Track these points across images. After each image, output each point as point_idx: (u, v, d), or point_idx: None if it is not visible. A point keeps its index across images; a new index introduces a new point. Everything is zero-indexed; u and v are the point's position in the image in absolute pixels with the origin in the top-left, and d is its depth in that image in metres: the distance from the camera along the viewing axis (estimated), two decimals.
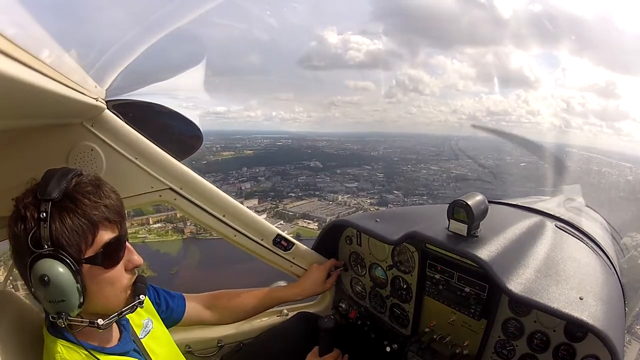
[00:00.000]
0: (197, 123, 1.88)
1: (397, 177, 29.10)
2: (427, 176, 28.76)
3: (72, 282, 0.90)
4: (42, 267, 0.88)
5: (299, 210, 23.20)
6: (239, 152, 29.53)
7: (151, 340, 1.25)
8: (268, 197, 24.49)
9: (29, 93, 0.70)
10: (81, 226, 0.92)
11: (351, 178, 28.72)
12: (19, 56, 0.59)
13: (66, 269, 0.89)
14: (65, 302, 0.91)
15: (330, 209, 23.76)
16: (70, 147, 1.42)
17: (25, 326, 1.12)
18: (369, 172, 29.58)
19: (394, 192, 26.73)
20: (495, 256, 1.40)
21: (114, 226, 0.99)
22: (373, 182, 28.34)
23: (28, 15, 0.76)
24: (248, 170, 26.48)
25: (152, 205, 1.70)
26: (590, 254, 1.63)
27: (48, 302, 0.92)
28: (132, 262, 1.04)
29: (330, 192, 26.20)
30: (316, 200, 25.34)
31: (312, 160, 29.48)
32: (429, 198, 24.93)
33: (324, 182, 27.77)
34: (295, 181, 27.23)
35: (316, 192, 26.42)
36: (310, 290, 1.99)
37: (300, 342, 1.82)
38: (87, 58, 1.29)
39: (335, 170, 29.53)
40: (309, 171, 28.70)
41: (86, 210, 0.93)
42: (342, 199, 25.89)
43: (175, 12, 1.45)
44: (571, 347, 1.33)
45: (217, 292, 1.79)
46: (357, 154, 34.03)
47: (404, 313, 1.89)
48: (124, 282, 1.03)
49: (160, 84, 1.77)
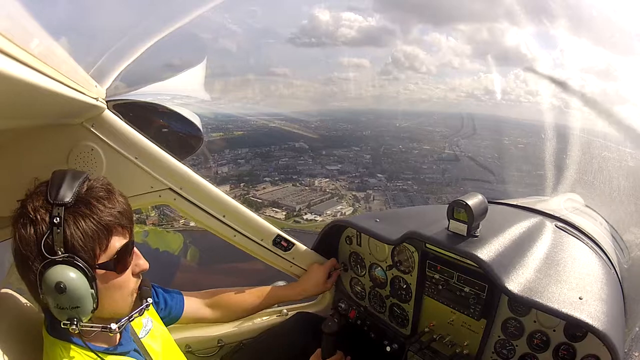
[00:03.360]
0: (197, 123, 1.88)
1: (384, 158, 27.91)
2: (417, 158, 27.43)
3: (87, 288, 0.90)
4: (57, 273, 0.87)
5: (270, 198, 21.72)
6: (228, 133, 27.66)
7: (151, 340, 1.26)
8: (242, 183, 22.76)
9: (29, 93, 0.70)
10: (97, 232, 0.92)
11: (336, 160, 27.48)
12: (19, 56, 0.59)
13: (81, 276, 0.89)
14: (79, 308, 0.90)
15: (303, 196, 22.33)
16: (70, 147, 1.42)
17: (25, 326, 1.12)
18: (355, 154, 28.35)
19: (377, 176, 25.43)
20: (495, 256, 1.40)
21: (126, 232, 1.00)
22: (357, 164, 27.07)
23: (28, 16, 0.76)
24: (230, 152, 24.73)
25: (152, 205, 1.71)
26: (590, 254, 1.63)
27: (60, 309, 0.90)
28: (139, 267, 1.05)
29: (308, 176, 24.77)
30: (290, 185, 23.81)
31: (299, 142, 28.00)
32: (414, 183, 23.79)
33: (306, 163, 26.39)
34: (276, 163, 25.84)
35: (294, 175, 24.86)
36: (310, 290, 2.00)
37: (300, 341, 1.82)
38: (87, 58, 1.29)
39: (321, 151, 28.24)
40: (293, 152, 27.26)
41: (101, 216, 0.93)
42: (318, 183, 24.39)
43: (175, 12, 1.46)
44: (571, 346, 1.33)
45: (216, 290, 1.80)
46: (347, 135, 32.71)
47: (404, 313, 1.89)
48: (131, 286, 1.04)
49: (160, 84, 1.77)
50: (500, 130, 18.65)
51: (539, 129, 3.85)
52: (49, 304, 0.90)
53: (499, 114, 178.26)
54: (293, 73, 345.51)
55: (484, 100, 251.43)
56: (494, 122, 49.56)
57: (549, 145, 3.61)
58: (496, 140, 20.23)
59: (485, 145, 20.49)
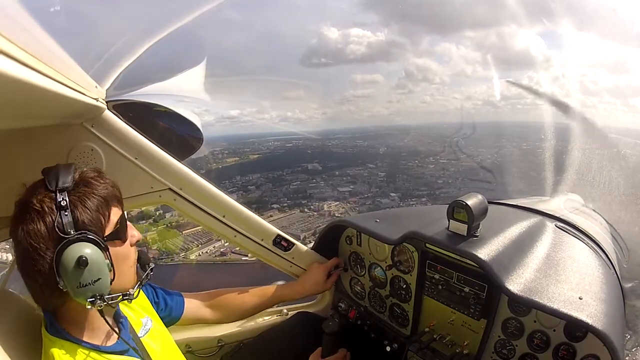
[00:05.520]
0: (197, 123, 1.88)
1: (399, 175, 27.44)
2: (434, 172, 26.93)
3: (103, 259, 0.96)
4: (75, 251, 0.92)
5: (275, 226, 21.08)
6: (244, 157, 28.18)
7: (151, 339, 1.26)
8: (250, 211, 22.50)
9: (29, 93, 0.70)
10: (99, 206, 0.99)
11: (349, 180, 27.22)
12: (19, 56, 0.59)
13: (96, 248, 0.95)
14: (101, 280, 0.95)
15: (309, 222, 21.88)
16: (70, 148, 1.42)
17: (25, 326, 1.12)
18: (370, 172, 28.12)
19: (390, 195, 25.06)
20: (495, 256, 1.40)
21: (119, 204, 1.08)
22: (370, 184, 26.83)
23: (28, 16, 0.76)
24: (242, 178, 24.91)
25: (152, 206, 1.71)
26: (590, 254, 1.63)
27: (82, 288, 0.93)
28: (135, 237, 1.12)
29: (318, 200, 24.53)
30: (298, 212, 23.50)
31: (312, 163, 28.22)
32: (428, 200, 23.48)
33: (317, 186, 26.15)
34: (287, 188, 25.64)
35: (303, 200, 24.56)
36: (310, 289, 2.00)
37: (300, 341, 1.82)
38: (87, 58, 1.30)
39: (334, 171, 28.10)
40: (305, 175, 27.17)
41: (100, 190, 1.01)
42: (327, 207, 24.20)
43: (175, 12, 1.46)
44: (571, 346, 1.33)
45: (216, 291, 1.79)
46: (363, 152, 32.71)
47: (404, 313, 1.89)
48: (133, 256, 1.11)
49: (160, 84, 1.77)
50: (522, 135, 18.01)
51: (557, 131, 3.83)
52: (70, 286, 0.93)
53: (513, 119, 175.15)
54: (307, 95, 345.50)
55: (500, 106, 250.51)
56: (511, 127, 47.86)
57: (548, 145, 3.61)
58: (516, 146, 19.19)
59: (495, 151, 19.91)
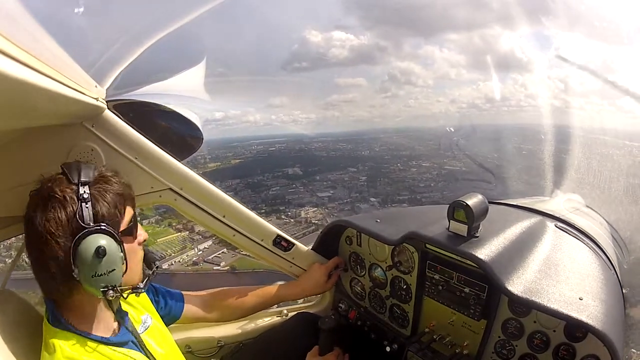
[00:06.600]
0: (197, 123, 1.88)
1: (381, 179, 27.19)
2: (416, 175, 26.79)
3: (119, 251, 1.01)
4: (94, 241, 0.96)
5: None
6: (225, 163, 27.76)
7: (149, 336, 1.26)
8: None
9: (29, 93, 0.70)
10: (116, 202, 1.05)
11: (329, 185, 26.71)
12: (19, 56, 0.59)
13: (113, 241, 1.00)
14: (114, 271, 1.00)
15: (285, 230, 20.91)
16: (70, 147, 1.42)
17: (25, 325, 1.12)
18: (351, 176, 27.74)
19: (369, 200, 24.70)
20: (495, 256, 1.40)
21: (132, 204, 1.14)
22: (350, 189, 26.26)
23: (28, 15, 0.76)
24: (221, 184, 23.89)
25: (152, 206, 1.71)
26: (590, 254, 1.63)
27: (96, 277, 0.97)
28: (142, 235, 1.18)
29: (296, 207, 24.17)
30: (274, 218, 22.99)
31: (293, 167, 27.85)
32: (409, 204, 22.82)
33: (296, 192, 25.76)
34: (266, 193, 25.36)
35: (281, 207, 24.27)
36: (311, 290, 1.99)
37: (300, 342, 1.82)
38: (87, 58, 1.29)
39: (315, 176, 27.57)
40: (286, 180, 26.75)
41: (117, 188, 1.07)
42: (304, 214, 23.83)
43: (175, 12, 1.45)
44: (571, 347, 1.33)
45: (216, 291, 1.79)
46: (346, 155, 32.42)
47: (404, 313, 1.88)
48: (140, 253, 1.17)
49: (160, 84, 1.77)
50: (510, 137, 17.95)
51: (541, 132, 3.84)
52: (84, 275, 0.97)
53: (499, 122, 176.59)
54: (291, 102, 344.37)
55: (485, 109, 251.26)
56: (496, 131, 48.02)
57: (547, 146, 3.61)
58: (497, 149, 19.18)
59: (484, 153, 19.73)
